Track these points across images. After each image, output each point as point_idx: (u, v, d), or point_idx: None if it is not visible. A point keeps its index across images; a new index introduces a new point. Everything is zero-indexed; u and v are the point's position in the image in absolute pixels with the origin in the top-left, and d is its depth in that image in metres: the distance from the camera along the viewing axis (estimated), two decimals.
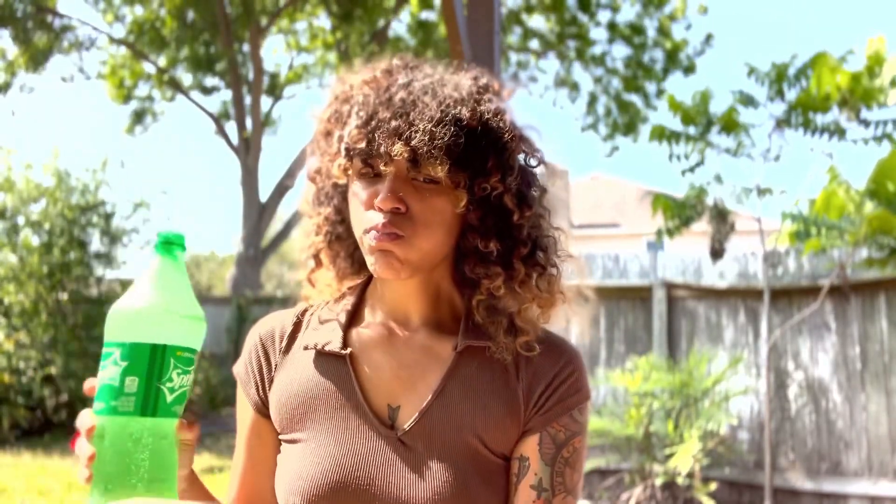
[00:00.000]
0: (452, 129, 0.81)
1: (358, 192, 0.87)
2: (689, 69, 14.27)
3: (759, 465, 5.20)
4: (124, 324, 0.73)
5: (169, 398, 0.73)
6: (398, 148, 0.80)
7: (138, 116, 16.06)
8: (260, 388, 0.97)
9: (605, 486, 5.54)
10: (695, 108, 4.86)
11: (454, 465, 0.86)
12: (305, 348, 0.95)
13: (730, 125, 4.80)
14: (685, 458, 4.45)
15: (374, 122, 0.82)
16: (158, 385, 0.72)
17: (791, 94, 4.73)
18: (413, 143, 0.80)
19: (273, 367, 0.97)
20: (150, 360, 0.72)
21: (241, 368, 1.00)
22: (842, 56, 4.56)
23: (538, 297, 0.92)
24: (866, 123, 4.53)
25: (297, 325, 0.99)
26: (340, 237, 0.97)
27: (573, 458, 0.89)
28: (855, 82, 4.40)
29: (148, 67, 15.61)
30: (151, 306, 0.73)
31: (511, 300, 0.91)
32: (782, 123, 4.76)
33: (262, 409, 0.97)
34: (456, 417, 0.88)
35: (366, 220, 0.86)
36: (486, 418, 0.88)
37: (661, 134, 4.87)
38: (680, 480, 4.73)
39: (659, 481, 4.78)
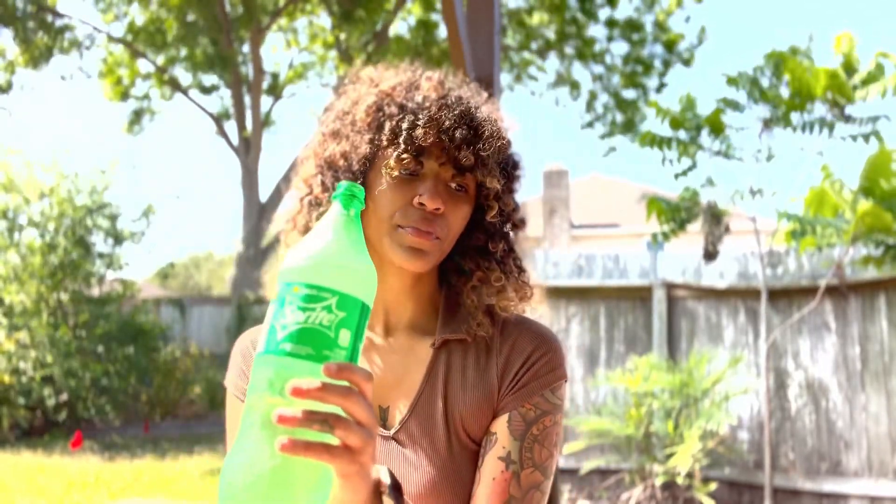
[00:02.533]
0: (507, 148, 0.95)
1: (391, 186, 0.91)
2: (687, 61, 14.33)
3: (759, 465, 5.21)
4: (340, 272, 0.66)
5: (359, 361, 0.69)
6: (466, 154, 0.88)
7: (137, 116, 16.06)
8: None
9: (605, 486, 5.54)
10: (682, 113, 4.87)
11: (444, 457, 0.90)
12: None
13: (717, 127, 4.81)
14: (685, 458, 4.45)
15: (441, 127, 0.89)
16: (356, 345, 0.67)
17: (773, 94, 4.75)
18: (483, 153, 0.89)
19: None
20: (359, 319, 0.67)
21: (235, 373, 0.99)
22: (795, 48, 4.59)
23: (519, 290, 0.98)
24: (852, 120, 4.54)
25: None
26: None
27: (542, 436, 0.91)
28: (833, 80, 4.41)
29: (148, 67, 15.62)
30: (364, 264, 0.68)
31: (494, 294, 0.96)
32: (770, 123, 4.77)
33: None
34: (440, 412, 0.92)
35: (403, 215, 0.90)
36: (466, 409, 0.92)
37: (651, 140, 4.88)
38: (680, 480, 4.73)
39: (659, 481, 4.78)
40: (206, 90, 16.14)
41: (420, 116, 0.89)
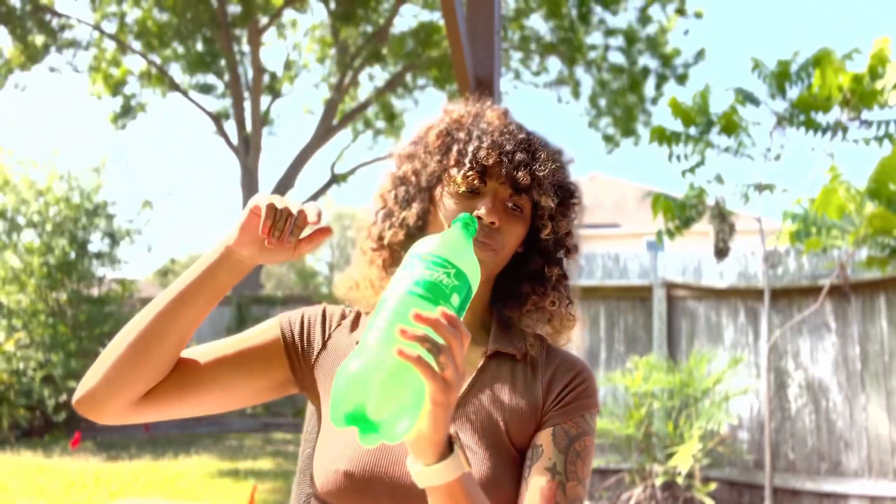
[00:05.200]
0: (562, 172, 1.05)
1: (454, 202, 1.02)
2: (682, 78, 14.37)
3: (759, 465, 5.20)
4: (459, 254, 0.82)
5: None
6: (523, 175, 0.99)
7: (125, 111, 15.97)
8: (304, 337, 1.07)
9: (605, 486, 5.54)
10: (695, 108, 4.84)
11: (486, 452, 0.97)
12: (357, 343, 1.03)
13: (730, 125, 4.78)
14: (685, 458, 4.45)
15: (502, 150, 1.00)
16: (461, 312, 0.81)
17: (793, 92, 4.71)
18: (539, 174, 1.00)
19: (325, 335, 1.08)
20: (465, 294, 0.82)
21: (295, 318, 1.09)
22: (846, 54, 4.54)
23: (566, 319, 1.09)
24: (868, 124, 4.51)
25: (357, 319, 1.11)
26: (412, 236, 1.07)
27: (584, 453, 0.99)
28: (856, 83, 4.38)
29: (147, 66, 15.60)
30: (474, 261, 0.84)
31: (545, 321, 1.09)
32: (783, 121, 4.74)
33: (291, 346, 1.06)
34: (486, 411, 1.00)
35: None
36: (510, 416, 1.00)
37: (661, 135, 4.86)
38: (680, 480, 4.73)
39: (659, 481, 4.78)
40: (205, 89, 16.12)
41: (484, 140, 1.01)
